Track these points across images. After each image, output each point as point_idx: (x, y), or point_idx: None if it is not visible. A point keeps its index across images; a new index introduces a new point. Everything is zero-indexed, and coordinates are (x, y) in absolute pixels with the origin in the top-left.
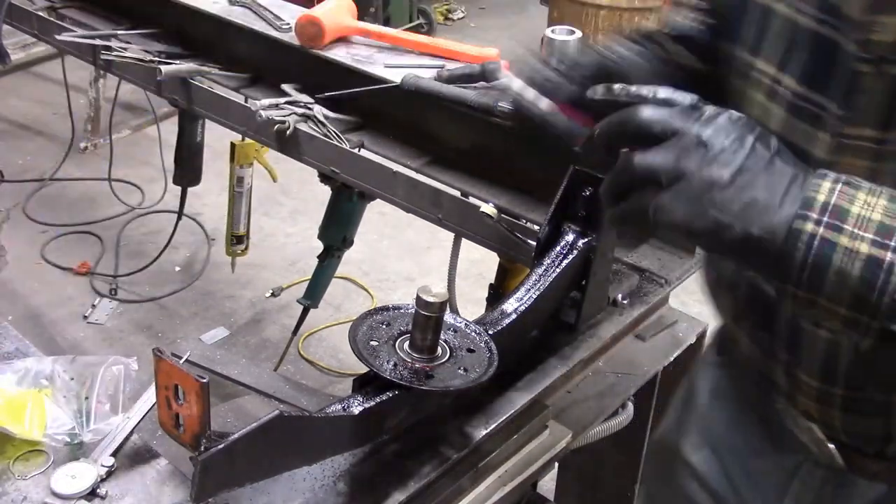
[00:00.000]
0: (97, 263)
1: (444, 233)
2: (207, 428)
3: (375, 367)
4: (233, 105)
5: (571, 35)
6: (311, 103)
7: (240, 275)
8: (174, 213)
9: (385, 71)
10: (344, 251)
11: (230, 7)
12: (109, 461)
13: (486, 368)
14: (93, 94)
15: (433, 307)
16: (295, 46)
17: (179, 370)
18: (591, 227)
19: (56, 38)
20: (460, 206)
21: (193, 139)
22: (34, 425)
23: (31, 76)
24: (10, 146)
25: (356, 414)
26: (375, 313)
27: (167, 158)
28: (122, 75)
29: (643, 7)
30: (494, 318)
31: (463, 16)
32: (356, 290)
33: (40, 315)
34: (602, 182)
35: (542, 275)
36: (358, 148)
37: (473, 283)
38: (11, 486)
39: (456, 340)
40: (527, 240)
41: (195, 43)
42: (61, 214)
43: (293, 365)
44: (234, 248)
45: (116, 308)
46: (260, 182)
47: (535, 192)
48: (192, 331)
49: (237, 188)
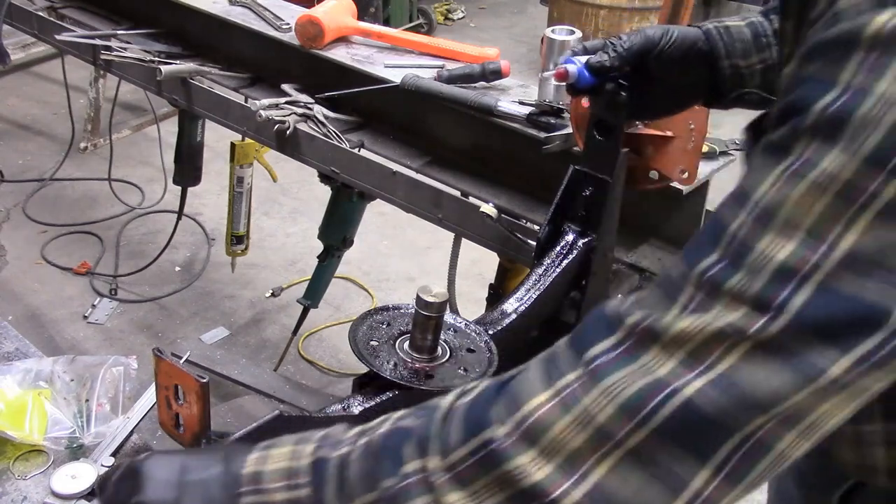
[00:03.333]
0: (97, 263)
1: (444, 233)
2: (207, 428)
3: (375, 367)
4: (233, 105)
5: (571, 35)
6: (311, 103)
7: (240, 275)
8: (174, 213)
9: (385, 71)
10: (344, 251)
11: (230, 7)
12: (109, 461)
13: (486, 368)
14: (93, 94)
15: (433, 307)
16: (295, 46)
17: (179, 370)
18: (591, 227)
19: (56, 38)
20: (460, 206)
21: (193, 139)
22: (34, 429)
23: (31, 76)
24: (10, 146)
25: (356, 414)
26: (375, 313)
27: (167, 158)
28: (122, 75)
29: (643, 7)
30: (494, 318)
31: (463, 16)
32: (356, 290)
33: (40, 315)
34: (602, 182)
35: (542, 275)
36: (358, 148)
37: (473, 283)
38: (11, 486)
39: (456, 340)
40: (527, 240)
41: (195, 43)
42: (61, 214)
43: (293, 365)
44: (234, 248)
45: (116, 308)
46: (260, 182)
47: (535, 193)
48: (192, 331)
49: (237, 188)
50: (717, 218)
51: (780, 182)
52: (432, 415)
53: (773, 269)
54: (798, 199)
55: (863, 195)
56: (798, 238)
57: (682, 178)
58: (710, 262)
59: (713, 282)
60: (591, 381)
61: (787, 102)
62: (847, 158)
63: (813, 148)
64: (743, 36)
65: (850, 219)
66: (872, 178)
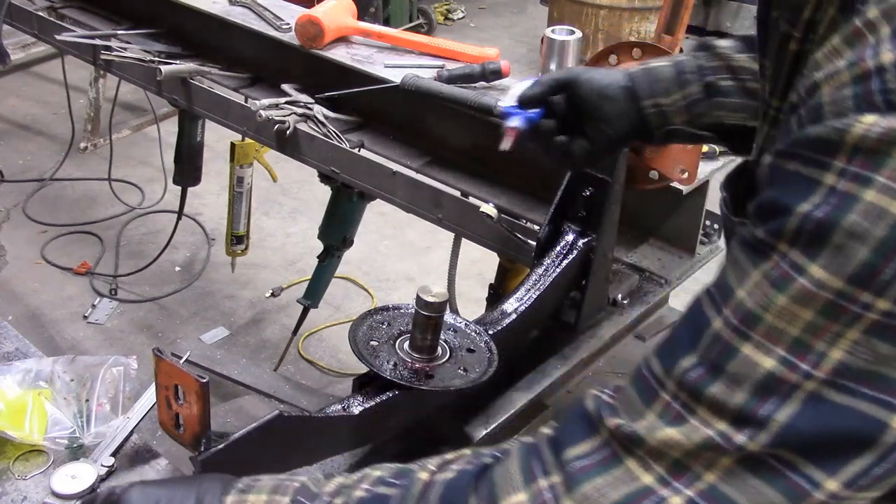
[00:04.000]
0: (97, 263)
1: (444, 233)
2: (207, 428)
3: (375, 367)
4: (233, 105)
5: (571, 35)
6: (311, 103)
7: (240, 275)
8: (174, 213)
9: (385, 71)
10: (344, 251)
11: (230, 7)
12: (109, 461)
13: (486, 368)
14: (93, 94)
15: (433, 307)
16: (295, 46)
17: (179, 370)
18: (591, 227)
19: (56, 38)
20: (460, 206)
21: (193, 139)
22: (34, 429)
23: (31, 76)
24: (10, 146)
25: (356, 414)
26: (375, 313)
27: (167, 158)
28: (122, 75)
29: (643, 7)
30: (494, 318)
31: (463, 16)
32: (356, 290)
33: (40, 315)
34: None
35: (542, 275)
36: (358, 148)
37: (473, 283)
38: (11, 486)
39: (456, 340)
40: (527, 240)
41: (195, 43)
42: (61, 214)
43: (293, 365)
44: (234, 248)
45: (116, 308)
46: (260, 182)
47: (535, 193)
48: (192, 331)
49: (237, 188)
50: (695, 316)
51: (764, 287)
52: (409, 488)
53: (756, 380)
54: (783, 307)
55: (850, 310)
56: (783, 348)
57: (682, 178)
58: (689, 365)
59: (692, 389)
60: (568, 488)
61: (768, 198)
62: (832, 272)
63: (797, 254)
64: (664, 75)
65: (838, 333)
66: (859, 294)
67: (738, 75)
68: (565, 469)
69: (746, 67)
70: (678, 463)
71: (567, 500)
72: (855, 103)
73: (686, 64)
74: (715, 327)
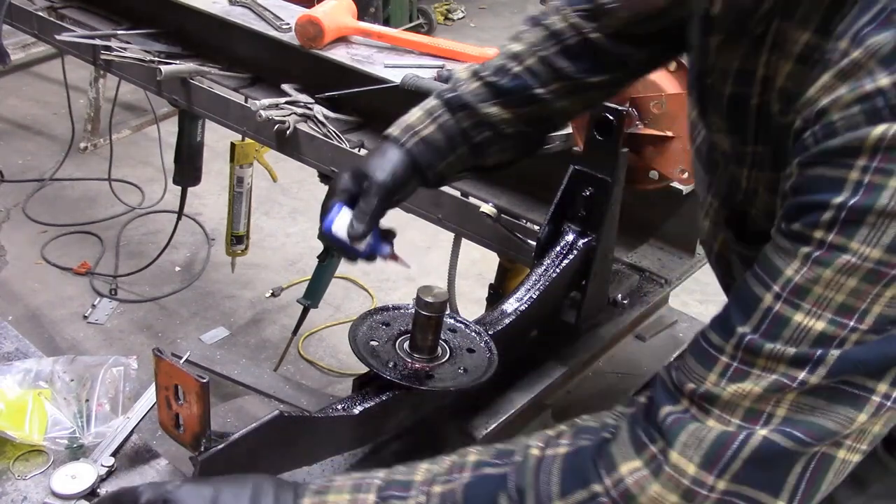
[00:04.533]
0: (97, 263)
1: (444, 233)
2: (207, 428)
3: (375, 367)
4: (233, 105)
5: None
6: (311, 103)
7: (240, 275)
8: (174, 213)
9: (385, 71)
10: None
11: (230, 7)
12: (109, 461)
13: (486, 368)
14: (93, 94)
15: (433, 307)
16: (295, 46)
17: (179, 370)
18: (591, 227)
19: (56, 38)
20: (460, 206)
21: (193, 139)
22: (34, 429)
23: (31, 76)
24: (10, 146)
25: (356, 414)
26: (375, 313)
27: (167, 158)
28: (122, 75)
29: None
30: (494, 318)
31: (463, 16)
32: (356, 290)
33: (40, 315)
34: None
35: (542, 275)
36: (358, 148)
37: (473, 283)
38: (11, 486)
39: (456, 340)
40: (527, 240)
41: (195, 43)
42: (61, 214)
43: (293, 365)
44: (234, 248)
45: (116, 308)
46: (260, 182)
47: (535, 193)
48: (192, 331)
49: (237, 188)
50: (744, 294)
51: (807, 266)
52: (523, 464)
53: (812, 339)
54: (829, 279)
55: (887, 276)
56: (831, 312)
57: (682, 178)
58: (745, 332)
59: (751, 349)
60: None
61: (799, 202)
62: (872, 245)
63: (836, 237)
64: (437, 143)
65: (878, 293)
66: (894, 261)
67: (495, 127)
68: (662, 430)
69: (497, 116)
70: (751, 410)
71: (672, 454)
72: (865, 118)
73: (450, 128)
74: (766, 301)
